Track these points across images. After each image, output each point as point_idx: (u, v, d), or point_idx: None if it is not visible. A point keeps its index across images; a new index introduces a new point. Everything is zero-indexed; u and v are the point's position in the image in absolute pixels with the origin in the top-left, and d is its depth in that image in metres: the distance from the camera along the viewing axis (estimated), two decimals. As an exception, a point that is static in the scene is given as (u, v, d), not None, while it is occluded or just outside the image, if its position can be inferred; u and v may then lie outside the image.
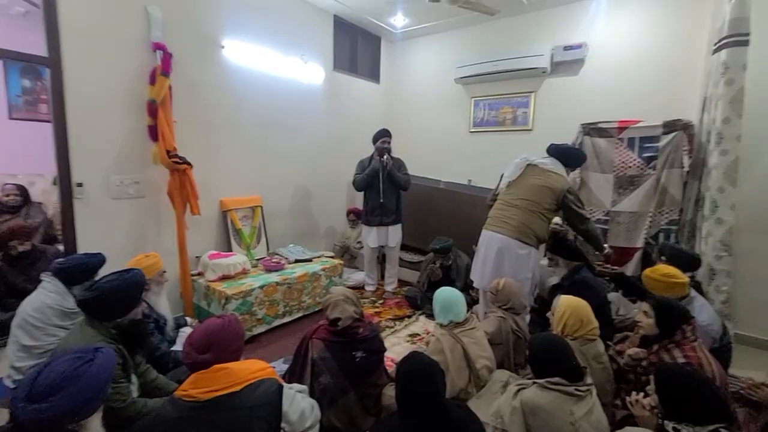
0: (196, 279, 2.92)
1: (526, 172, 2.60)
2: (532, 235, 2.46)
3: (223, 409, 1.15)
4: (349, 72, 4.43)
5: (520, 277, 2.43)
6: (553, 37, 3.71)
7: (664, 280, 2.06)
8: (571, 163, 2.65)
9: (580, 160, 2.72)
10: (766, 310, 2.74)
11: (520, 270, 2.45)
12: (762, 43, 2.51)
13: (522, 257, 2.45)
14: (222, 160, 3.27)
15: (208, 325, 1.32)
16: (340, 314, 1.87)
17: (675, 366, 1.53)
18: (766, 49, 2.56)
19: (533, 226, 2.46)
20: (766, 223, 2.71)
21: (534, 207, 2.47)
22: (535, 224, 2.46)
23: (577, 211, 2.45)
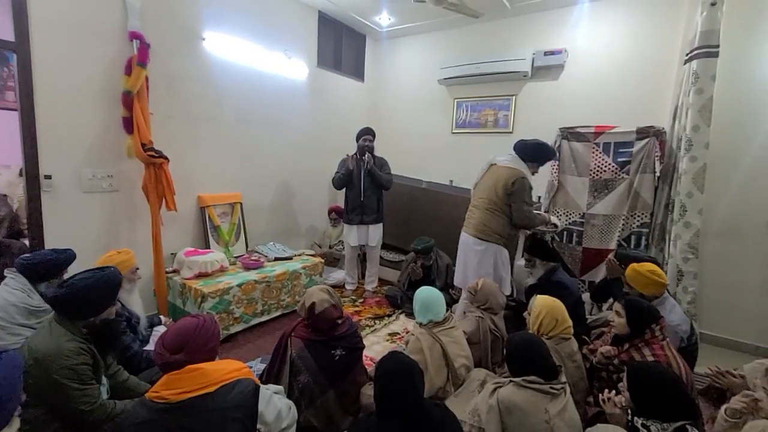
0: (171, 276, 2.85)
1: (488, 172, 2.73)
2: (490, 231, 2.59)
3: (196, 411, 1.12)
4: (333, 69, 4.39)
5: (481, 272, 2.58)
6: (534, 42, 3.79)
7: (648, 275, 2.10)
8: (532, 157, 2.66)
9: (540, 154, 2.68)
10: (730, 310, 2.87)
11: (480, 266, 2.61)
12: (730, 56, 2.62)
13: (479, 253, 2.62)
14: (201, 155, 3.19)
15: (182, 325, 1.29)
16: (315, 299, 1.87)
17: (647, 364, 1.59)
18: (734, 61, 2.68)
19: (490, 224, 2.60)
20: (731, 228, 2.84)
21: (490, 205, 2.62)
22: (492, 221, 2.59)
23: (517, 204, 2.53)
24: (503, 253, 2.64)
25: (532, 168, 2.66)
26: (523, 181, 2.55)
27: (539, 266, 2.65)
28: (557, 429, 1.40)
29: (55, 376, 1.33)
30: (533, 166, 2.66)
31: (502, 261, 2.65)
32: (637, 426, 1.36)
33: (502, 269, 2.65)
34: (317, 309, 1.85)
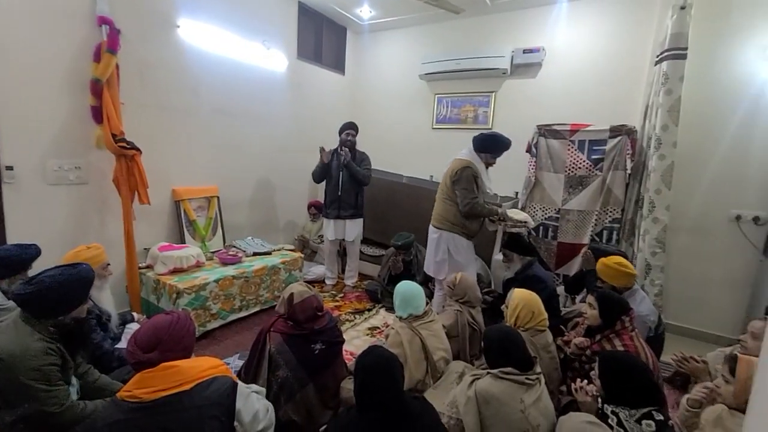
0: (145, 272, 2.76)
1: (449, 166, 2.82)
2: (443, 219, 2.76)
3: (171, 410, 1.09)
4: (313, 61, 4.33)
5: (438, 259, 2.78)
6: (513, 40, 3.84)
7: (617, 268, 2.20)
8: (484, 148, 2.69)
9: (491, 144, 2.69)
10: (694, 302, 3.02)
11: (436, 253, 2.79)
12: (698, 58, 2.73)
13: (434, 241, 2.81)
14: (175, 147, 3.09)
15: (155, 322, 1.25)
16: (295, 291, 1.87)
17: (617, 353, 1.67)
18: (702, 63, 2.79)
19: (443, 212, 2.77)
20: (695, 223, 2.98)
21: (443, 195, 2.79)
22: (445, 210, 2.76)
23: (459, 192, 2.64)
24: (457, 239, 2.73)
25: (486, 159, 2.71)
26: (466, 170, 2.63)
27: (516, 261, 2.71)
28: (532, 418, 1.45)
29: (21, 378, 1.27)
30: (486, 156, 2.71)
31: (457, 247, 2.73)
32: (607, 413, 1.42)
33: (458, 255, 2.74)
34: (296, 299, 1.84)
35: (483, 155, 2.71)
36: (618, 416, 1.39)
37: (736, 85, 2.77)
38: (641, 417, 1.36)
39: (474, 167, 2.66)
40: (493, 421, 1.47)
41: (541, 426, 1.46)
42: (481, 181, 2.69)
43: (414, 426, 1.28)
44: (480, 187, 2.70)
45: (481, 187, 2.71)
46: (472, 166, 2.66)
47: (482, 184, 2.71)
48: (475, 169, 2.66)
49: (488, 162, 2.74)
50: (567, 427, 1.35)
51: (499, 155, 2.75)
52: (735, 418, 1.37)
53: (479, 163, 2.70)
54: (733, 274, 2.89)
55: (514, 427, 1.44)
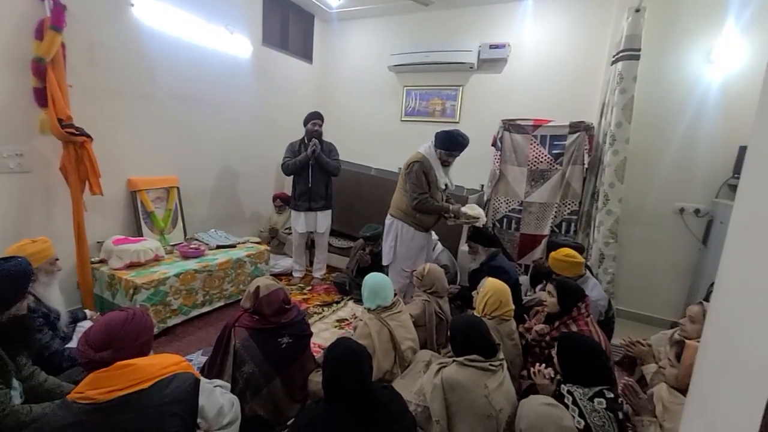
0: (98, 267, 2.60)
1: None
2: (395, 208, 2.85)
3: (129, 410, 1.05)
4: (279, 48, 4.20)
5: (386, 247, 2.89)
6: (481, 35, 3.90)
7: (566, 259, 2.39)
8: (440, 144, 2.71)
9: (446, 141, 2.68)
10: (642, 288, 3.24)
11: (386, 240, 2.90)
12: (650, 60, 2.89)
13: (386, 227, 2.91)
14: (131, 134, 2.91)
15: (108, 319, 1.19)
16: (261, 284, 1.84)
17: (576, 335, 1.79)
18: (653, 65, 2.95)
19: (397, 201, 2.86)
20: (644, 216, 3.18)
21: (400, 185, 2.87)
22: (399, 199, 2.84)
23: (409, 186, 2.70)
24: (406, 229, 2.78)
25: (441, 155, 2.72)
26: (416, 164, 2.67)
27: (481, 252, 2.80)
28: (495, 402, 1.51)
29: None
30: (441, 153, 2.71)
31: (403, 237, 2.80)
32: (563, 393, 1.51)
33: (402, 245, 2.80)
34: (262, 292, 1.80)
35: (439, 151, 2.71)
36: (573, 395, 1.48)
37: (683, 87, 2.96)
38: (594, 395, 1.46)
39: (426, 162, 2.68)
40: (458, 407, 1.52)
41: (503, 410, 1.53)
42: (434, 177, 2.70)
43: (382, 415, 1.30)
44: (432, 182, 2.70)
45: (434, 182, 2.71)
46: (424, 160, 2.68)
47: (435, 180, 2.71)
48: (426, 164, 2.68)
49: (443, 159, 2.72)
50: (527, 409, 1.42)
51: (455, 153, 2.73)
52: (673, 396, 1.50)
53: (434, 158, 2.71)
54: (676, 262, 3.12)
55: (479, 412, 1.50)
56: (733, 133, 2.80)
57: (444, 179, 2.77)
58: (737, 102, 2.77)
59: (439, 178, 2.73)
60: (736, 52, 2.74)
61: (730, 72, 2.79)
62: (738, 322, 0.58)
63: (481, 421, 1.49)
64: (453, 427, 1.52)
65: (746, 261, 0.60)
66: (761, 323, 0.52)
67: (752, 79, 2.71)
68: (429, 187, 2.72)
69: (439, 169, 2.74)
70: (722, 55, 2.78)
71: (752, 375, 0.51)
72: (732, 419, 0.55)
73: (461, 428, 1.51)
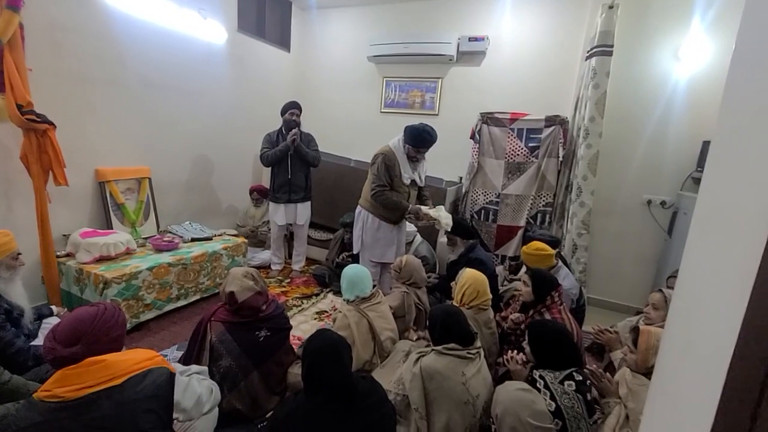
0: (65, 261, 2.50)
1: None
2: (364, 198, 2.84)
3: (100, 407, 1.01)
4: (255, 35, 4.08)
5: (355, 235, 2.91)
6: (460, 27, 3.90)
7: (536, 253, 2.48)
8: (406, 138, 2.66)
9: (411, 135, 2.64)
10: (611, 277, 3.38)
11: (354, 228, 2.91)
12: (622, 56, 2.98)
13: (355, 215, 2.91)
14: (98, 122, 2.78)
15: (77, 315, 1.14)
16: (236, 288, 1.80)
17: (544, 321, 1.86)
18: (625, 61, 3.04)
19: (364, 190, 2.86)
20: (615, 207, 3.30)
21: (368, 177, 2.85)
22: (366, 188, 2.84)
23: (370, 177, 2.71)
24: (369, 218, 2.78)
25: (408, 150, 2.66)
26: (380, 157, 2.66)
27: (460, 244, 2.84)
28: (472, 389, 1.55)
29: None
30: (409, 148, 2.66)
31: (367, 227, 2.80)
32: (535, 378, 1.57)
33: (366, 234, 2.81)
34: (238, 298, 1.78)
35: (407, 147, 2.67)
36: (544, 379, 1.54)
37: (652, 84, 3.07)
38: (564, 378, 1.53)
39: (391, 156, 2.64)
40: (436, 394, 1.55)
41: (480, 396, 1.58)
42: (398, 171, 2.65)
43: (362, 405, 1.31)
44: (396, 176, 2.66)
45: (398, 177, 2.67)
46: (390, 154, 2.65)
47: (400, 174, 2.66)
48: (391, 157, 2.64)
49: (411, 154, 2.67)
50: (502, 395, 1.47)
51: (420, 148, 2.65)
52: (636, 379, 1.59)
53: (401, 153, 2.66)
54: (642, 251, 3.27)
55: (456, 399, 1.53)
56: (698, 129, 2.94)
57: (411, 175, 2.71)
58: (702, 98, 2.90)
59: (404, 173, 2.67)
60: (702, 50, 2.86)
61: (696, 69, 2.91)
62: (699, 307, 0.62)
63: (458, 407, 1.53)
64: (431, 414, 1.56)
65: (707, 250, 0.64)
66: (720, 308, 0.56)
67: (716, 77, 2.84)
68: (392, 181, 2.67)
69: (405, 164, 2.68)
70: (689, 52, 2.89)
71: (712, 355, 0.54)
72: (692, 395, 0.58)
73: (439, 415, 1.54)
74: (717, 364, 0.49)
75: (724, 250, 0.57)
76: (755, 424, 0.39)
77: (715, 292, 0.58)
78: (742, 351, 0.44)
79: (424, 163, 2.83)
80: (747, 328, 0.44)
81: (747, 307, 0.44)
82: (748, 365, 0.42)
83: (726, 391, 0.45)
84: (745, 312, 0.44)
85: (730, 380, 0.45)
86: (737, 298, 0.47)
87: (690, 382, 0.61)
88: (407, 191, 2.76)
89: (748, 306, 0.44)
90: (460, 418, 1.54)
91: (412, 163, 2.72)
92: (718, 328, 0.54)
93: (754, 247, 0.45)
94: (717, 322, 0.55)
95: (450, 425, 1.53)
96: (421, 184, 2.85)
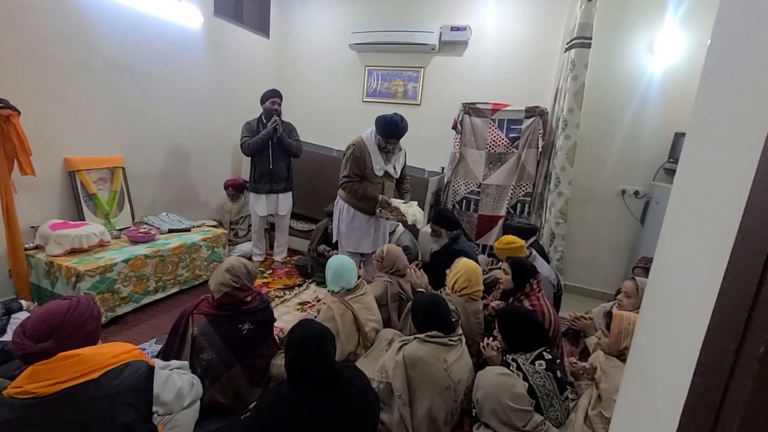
0: (33, 254, 2.39)
1: None
2: (339, 188, 2.80)
3: (76, 402, 0.99)
4: (233, 20, 3.95)
5: (334, 222, 2.90)
6: (442, 16, 3.88)
7: (507, 247, 2.55)
8: (377, 129, 2.60)
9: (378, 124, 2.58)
10: (586, 264, 3.49)
11: (334, 216, 2.89)
12: (600, 48, 3.03)
13: (334, 205, 2.89)
14: (67, 109, 2.65)
15: (48, 308, 1.10)
16: (213, 284, 1.79)
17: (511, 307, 1.95)
18: (603, 53, 3.10)
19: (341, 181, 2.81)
20: (591, 196, 3.40)
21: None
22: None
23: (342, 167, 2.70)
24: (344, 207, 2.77)
25: (379, 141, 2.61)
26: (351, 147, 2.63)
27: (444, 235, 2.87)
28: (453, 375, 1.59)
29: None
30: (379, 139, 2.61)
31: (342, 215, 2.80)
32: (508, 361, 1.63)
33: (342, 223, 2.81)
34: (214, 294, 1.78)
35: (377, 137, 2.61)
36: (517, 362, 1.61)
37: (629, 77, 3.14)
38: (534, 358, 1.60)
39: (361, 147, 2.60)
40: (419, 381, 1.58)
41: (461, 381, 1.62)
42: (369, 163, 2.61)
43: (346, 393, 1.32)
44: (366, 168, 2.62)
45: (369, 168, 2.63)
46: (360, 145, 2.61)
47: (370, 165, 2.62)
48: (362, 148, 2.60)
49: (382, 145, 2.61)
50: (483, 380, 1.51)
51: (390, 139, 2.58)
52: (609, 360, 1.66)
53: (373, 144, 2.62)
54: (617, 239, 3.38)
55: (438, 384, 1.57)
56: (670, 120, 3.03)
57: (384, 166, 2.66)
58: (674, 91, 2.99)
59: (375, 164, 2.63)
60: (675, 43, 2.94)
61: (669, 63, 3.00)
62: (674, 289, 0.65)
63: (440, 392, 1.57)
64: (414, 399, 1.59)
65: (682, 235, 0.66)
66: (692, 291, 0.58)
67: (688, 70, 2.93)
68: (363, 172, 2.63)
69: (377, 155, 2.63)
70: (663, 46, 2.97)
71: (684, 335, 0.57)
72: (666, 373, 0.61)
73: (422, 401, 1.57)
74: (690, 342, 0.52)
75: (699, 235, 0.59)
76: (726, 397, 0.41)
77: (690, 275, 0.60)
78: (714, 328, 0.46)
79: (400, 154, 2.78)
80: (720, 308, 0.46)
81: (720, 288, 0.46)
82: (720, 342, 0.44)
83: (699, 367, 0.47)
84: (718, 293, 0.47)
85: (703, 356, 0.47)
86: (710, 280, 0.49)
87: (664, 360, 0.64)
88: (381, 182, 2.70)
89: (721, 287, 0.46)
90: (442, 402, 1.57)
91: (384, 153, 2.66)
92: (691, 311, 0.57)
93: (727, 234, 0.47)
94: (690, 305, 0.58)
95: (432, 410, 1.56)
96: (395, 175, 2.78)
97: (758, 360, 0.37)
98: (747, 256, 0.42)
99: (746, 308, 0.40)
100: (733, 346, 0.42)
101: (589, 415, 1.54)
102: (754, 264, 0.41)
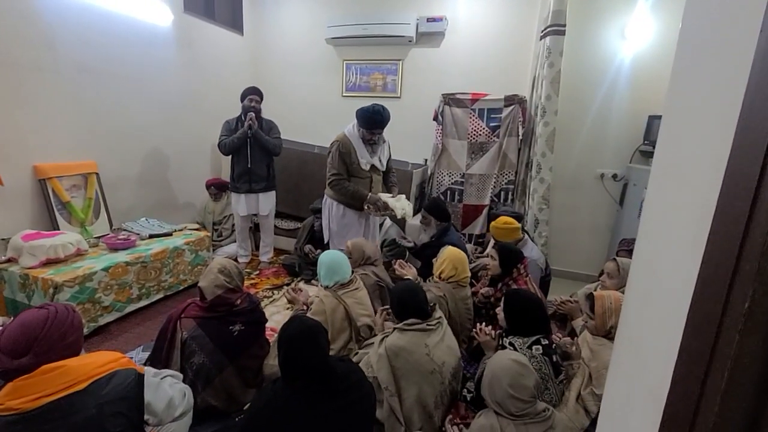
0: (6, 267, 2.29)
1: None
2: (327, 186, 2.77)
3: (62, 415, 0.95)
4: (204, 17, 3.84)
5: (324, 222, 2.87)
6: (418, 8, 3.86)
7: (504, 227, 2.59)
8: (358, 122, 2.58)
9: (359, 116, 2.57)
10: (569, 248, 3.57)
11: (323, 216, 2.87)
12: (573, 35, 3.07)
13: (322, 204, 2.88)
14: (31, 114, 2.54)
15: (23, 321, 1.05)
16: (205, 283, 1.76)
17: (520, 290, 1.96)
18: (576, 40, 3.14)
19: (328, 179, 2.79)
20: (572, 181, 3.47)
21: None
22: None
23: (327, 165, 2.66)
24: (333, 205, 2.76)
25: (362, 134, 2.58)
26: (335, 144, 2.60)
27: (433, 225, 2.88)
28: (436, 357, 1.62)
29: None
30: (362, 132, 2.59)
31: (332, 213, 2.79)
32: (506, 345, 1.65)
33: (332, 221, 2.80)
34: (206, 295, 1.74)
35: (360, 130, 2.57)
36: (514, 345, 1.63)
37: (602, 62, 3.20)
38: (532, 344, 1.62)
39: (346, 142, 2.57)
40: (404, 370, 1.60)
41: (446, 363, 1.65)
42: (355, 158, 2.58)
43: (341, 386, 1.32)
44: (352, 163, 2.60)
45: (355, 163, 2.60)
46: (345, 141, 2.57)
47: (357, 161, 2.59)
48: (346, 144, 2.57)
49: (366, 138, 2.57)
50: (496, 364, 1.43)
51: (374, 130, 2.55)
52: (596, 340, 1.71)
53: (357, 138, 2.58)
54: (598, 222, 3.47)
55: (423, 369, 1.60)
56: (643, 104, 3.11)
57: (370, 159, 2.64)
58: (646, 75, 3.07)
59: (361, 158, 2.59)
60: (646, 28, 3.01)
61: (641, 47, 3.07)
62: (658, 262, 0.67)
63: (426, 377, 1.60)
64: (401, 389, 1.61)
65: (664, 209, 0.68)
66: (673, 264, 0.60)
67: (659, 54, 3.00)
68: (350, 168, 2.60)
69: (362, 149, 2.60)
70: (634, 31, 3.04)
71: (667, 305, 0.59)
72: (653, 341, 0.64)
73: (409, 389, 1.59)
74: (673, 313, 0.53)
75: (680, 206, 0.61)
76: (713, 359, 0.42)
77: (669, 251, 0.62)
78: (699, 297, 0.48)
79: (384, 146, 2.76)
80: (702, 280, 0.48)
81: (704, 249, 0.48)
82: (705, 308, 0.46)
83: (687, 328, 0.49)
84: (701, 265, 0.48)
85: (689, 323, 0.49)
86: (692, 252, 0.50)
87: (650, 329, 0.66)
88: (369, 177, 2.68)
89: (703, 259, 0.48)
90: (429, 387, 1.60)
91: (369, 147, 2.63)
92: (673, 281, 0.59)
93: (708, 201, 0.48)
94: (671, 277, 0.60)
95: (421, 396, 1.59)
96: (381, 168, 2.77)
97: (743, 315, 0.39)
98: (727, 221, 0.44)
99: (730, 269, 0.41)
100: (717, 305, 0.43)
101: (582, 394, 1.57)
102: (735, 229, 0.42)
